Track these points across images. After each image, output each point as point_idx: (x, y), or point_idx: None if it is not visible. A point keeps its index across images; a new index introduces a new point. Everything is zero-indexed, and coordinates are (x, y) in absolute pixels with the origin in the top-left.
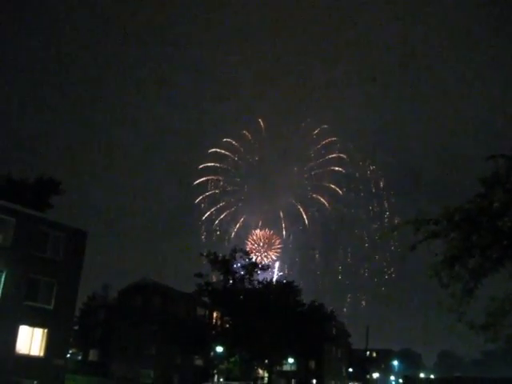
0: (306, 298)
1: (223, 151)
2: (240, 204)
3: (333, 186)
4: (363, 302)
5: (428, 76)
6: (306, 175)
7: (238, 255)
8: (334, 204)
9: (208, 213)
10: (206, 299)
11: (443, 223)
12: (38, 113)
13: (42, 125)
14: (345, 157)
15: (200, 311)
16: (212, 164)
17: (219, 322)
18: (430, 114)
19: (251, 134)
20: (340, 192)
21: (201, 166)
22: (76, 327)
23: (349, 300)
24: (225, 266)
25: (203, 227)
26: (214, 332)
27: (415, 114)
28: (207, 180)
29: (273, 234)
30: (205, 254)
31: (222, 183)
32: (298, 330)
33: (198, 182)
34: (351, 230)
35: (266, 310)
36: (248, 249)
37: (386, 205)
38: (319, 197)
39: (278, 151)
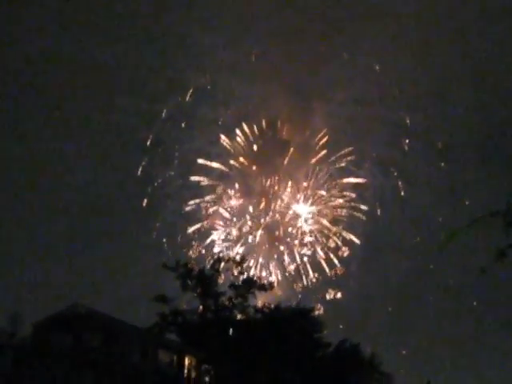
0: (333, 335)
1: None
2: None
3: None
4: (420, 342)
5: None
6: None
7: (224, 267)
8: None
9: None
10: (173, 337)
11: None
12: None
13: None
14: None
15: (164, 355)
16: None
17: (194, 374)
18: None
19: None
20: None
21: None
22: None
23: (398, 340)
24: (203, 284)
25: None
26: None
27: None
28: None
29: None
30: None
31: None
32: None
33: None
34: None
35: (268, 353)
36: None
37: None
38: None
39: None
